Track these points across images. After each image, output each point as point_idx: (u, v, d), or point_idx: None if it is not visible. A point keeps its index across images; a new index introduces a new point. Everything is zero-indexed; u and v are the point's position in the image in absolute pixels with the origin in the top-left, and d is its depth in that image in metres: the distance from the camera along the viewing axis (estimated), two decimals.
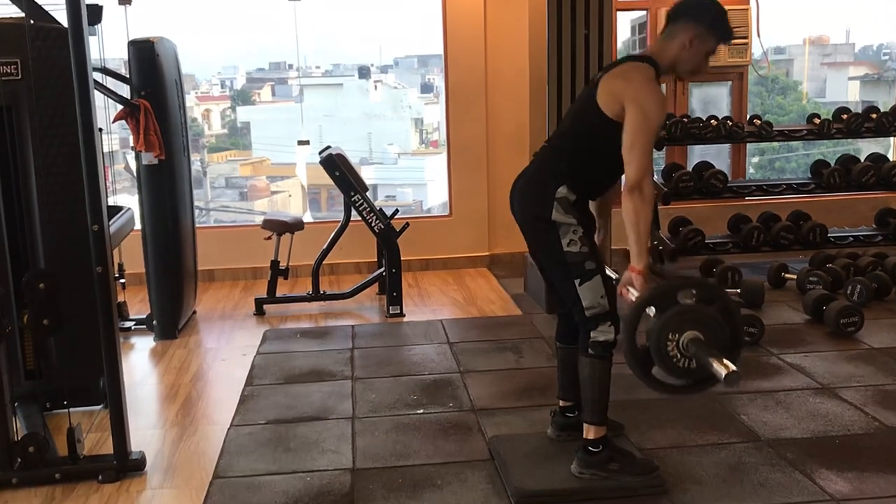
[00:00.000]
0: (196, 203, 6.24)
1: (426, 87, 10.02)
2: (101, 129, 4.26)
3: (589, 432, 3.00)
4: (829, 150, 8.30)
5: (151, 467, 3.31)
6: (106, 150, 4.65)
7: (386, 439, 3.48)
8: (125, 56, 4.84)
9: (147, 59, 4.73)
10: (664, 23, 2.99)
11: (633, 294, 2.84)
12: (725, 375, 2.29)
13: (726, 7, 2.97)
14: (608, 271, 3.06)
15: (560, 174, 2.91)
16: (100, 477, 3.20)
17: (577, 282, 2.88)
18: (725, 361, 2.34)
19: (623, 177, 2.85)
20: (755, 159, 9.62)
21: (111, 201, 4.85)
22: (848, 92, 10.90)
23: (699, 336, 2.41)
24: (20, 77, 3.57)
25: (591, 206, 3.12)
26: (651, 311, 2.55)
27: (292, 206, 9.92)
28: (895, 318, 4.91)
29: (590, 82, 3.10)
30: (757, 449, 3.30)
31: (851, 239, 6.08)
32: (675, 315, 2.44)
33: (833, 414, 3.62)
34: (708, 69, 3.03)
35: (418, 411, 3.77)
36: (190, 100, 8.49)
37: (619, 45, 7.01)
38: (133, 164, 5.07)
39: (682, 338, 2.42)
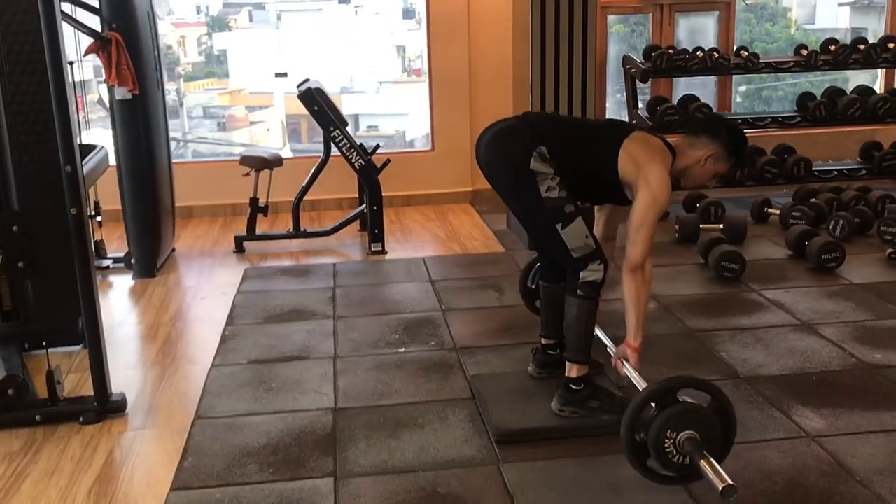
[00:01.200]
0: (173, 134, 6.18)
1: (408, 13, 9.85)
2: (72, 63, 4.21)
3: (571, 370, 3.06)
4: (817, 80, 8.26)
5: (132, 408, 3.35)
6: (78, 79, 4.59)
7: (367, 379, 3.53)
8: None
9: None
10: (687, 128, 3.16)
11: (627, 368, 2.97)
12: (721, 489, 2.38)
13: None
14: (601, 337, 3.25)
15: (546, 140, 2.94)
16: (81, 419, 3.23)
17: (559, 226, 2.90)
18: (720, 471, 2.43)
19: (626, 256, 2.95)
20: (742, 88, 9.57)
21: (85, 136, 4.80)
22: (838, 18, 10.79)
23: (695, 436, 2.52)
24: None
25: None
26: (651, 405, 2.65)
27: (271, 139, 9.82)
28: (877, 254, 4.98)
29: (620, 124, 3.25)
30: (735, 386, 3.36)
31: (836, 173, 6.12)
32: (676, 414, 2.54)
33: (811, 350, 3.69)
34: (710, 186, 3.16)
35: (400, 350, 3.82)
36: (165, 26, 8.32)
37: None
38: (106, 98, 4.99)
39: (679, 436, 2.52)
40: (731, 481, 2.38)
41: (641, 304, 2.93)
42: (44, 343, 3.44)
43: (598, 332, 3.36)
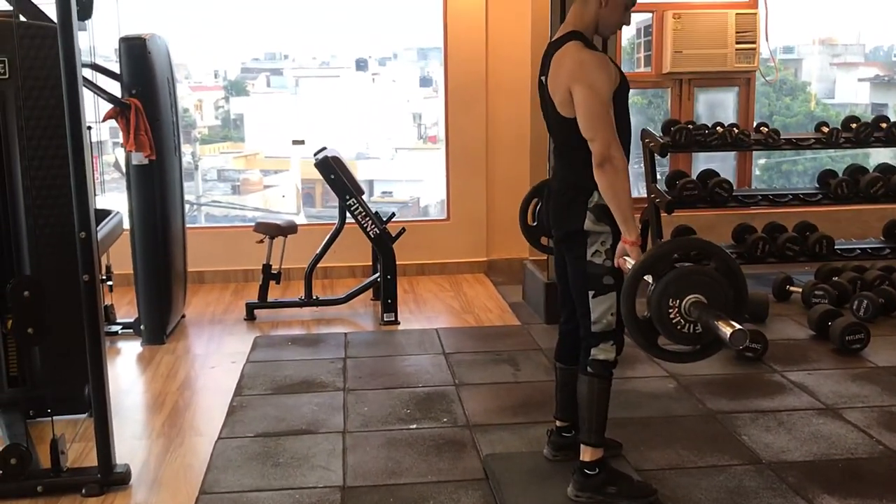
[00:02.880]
0: (187, 197, 6.23)
1: (425, 81, 10.00)
2: (90, 127, 4.28)
3: (586, 454, 3.01)
4: (838, 154, 8.30)
5: (136, 481, 3.32)
6: (94, 140, 4.66)
7: (378, 455, 3.48)
8: (116, 49, 4.83)
9: (138, 56, 4.72)
10: None
11: (629, 263, 2.80)
12: (730, 335, 2.24)
13: (734, 11, 2.98)
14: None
15: (583, 184, 2.89)
16: (83, 490, 3.20)
17: (591, 293, 2.89)
18: (730, 321, 2.28)
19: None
20: (762, 161, 9.62)
21: (100, 199, 4.84)
22: (858, 94, 10.89)
23: (701, 299, 2.37)
24: (7, 76, 3.56)
25: None
26: (648, 278, 2.51)
27: (285, 204, 9.89)
28: None
29: (539, 85, 3.09)
30: (758, 472, 3.30)
31: (859, 251, 6.08)
32: (673, 280, 2.40)
33: (836, 436, 3.63)
34: (630, 21, 3.04)
35: (411, 426, 3.77)
36: (182, 89, 8.46)
37: (625, 42, 7.01)
38: (122, 161, 5.06)
39: (684, 302, 2.38)
40: (740, 326, 2.24)
41: (622, 195, 2.75)
42: (49, 410, 3.42)
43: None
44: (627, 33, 7.01)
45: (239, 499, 3.15)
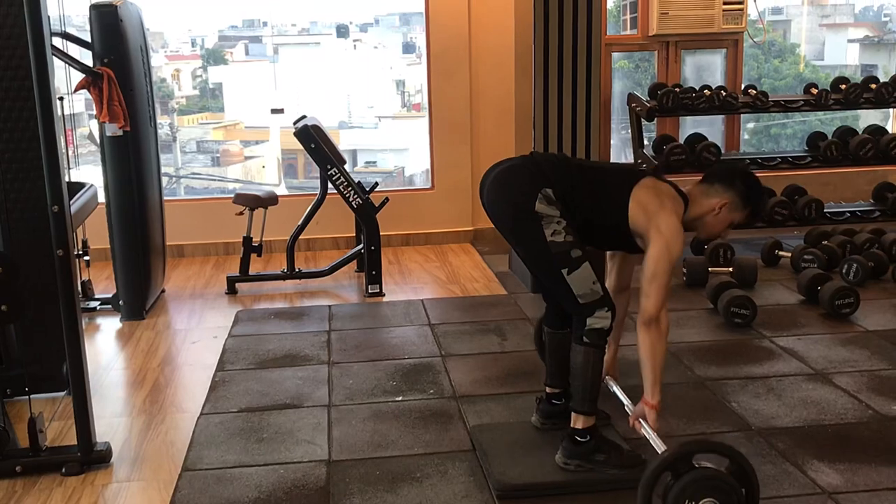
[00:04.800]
0: (165, 169, 6.18)
1: (408, 48, 9.91)
2: (61, 98, 4.22)
3: (577, 421, 3.01)
4: (827, 117, 8.30)
5: (117, 459, 3.30)
6: (68, 112, 4.59)
7: (363, 429, 3.48)
8: (87, 18, 4.76)
9: (110, 24, 4.64)
10: (702, 178, 3.11)
11: (645, 428, 2.93)
12: None
13: None
14: (617, 393, 3.19)
15: (552, 181, 2.94)
16: (63, 469, 3.18)
17: (564, 271, 2.88)
18: None
19: (640, 309, 2.91)
20: (750, 125, 9.61)
21: (74, 172, 4.80)
22: (847, 55, 10.87)
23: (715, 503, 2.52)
24: None
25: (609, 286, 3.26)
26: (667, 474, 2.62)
27: (266, 175, 9.83)
28: (892, 299, 4.95)
29: (633, 170, 3.22)
30: (747, 439, 3.32)
31: (848, 214, 6.11)
32: (690, 482, 2.53)
33: (826, 401, 3.65)
34: (726, 237, 3.15)
35: (397, 398, 3.77)
36: (158, 58, 8.36)
37: (610, 4, 6.96)
38: (97, 133, 5.00)
39: None
40: None
41: (658, 359, 2.89)
42: (26, 389, 3.39)
43: (614, 387, 3.33)
44: None
45: (222, 475, 3.14)
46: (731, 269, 5.29)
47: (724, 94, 5.88)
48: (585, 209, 2.98)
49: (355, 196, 5.28)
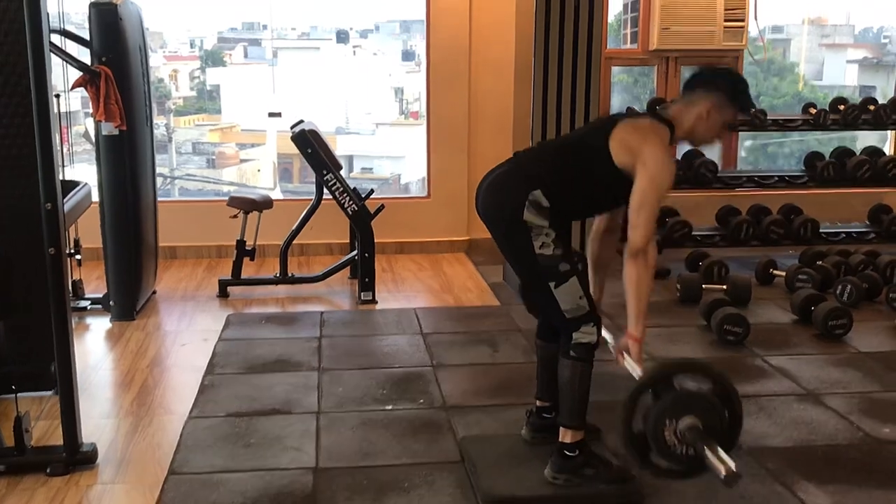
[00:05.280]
0: (160, 170, 6.17)
1: (407, 55, 9.93)
2: (58, 95, 4.21)
3: (566, 436, 3.01)
4: (825, 137, 8.33)
5: (103, 460, 3.28)
6: (64, 110, 4.59)
7: (352, 437, 3.47)
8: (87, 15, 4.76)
9: (109, 22, 4.65)
10: (682, 88, 3.07)
11: (627, 362, 2.90)
12: (724, 475, 2.32)
13: None
14: (604, 333, 3.09)
15: (538, 179, 2.92)
16: (48, 469, 3.17)
17: (552, 285, 2.88)
18: (724, 457, 2.37)
19: (627, 240, 2.89)
20: (748, 143, 9.65)
21: (69, 171, 4.79)
22: (846, 75, 10.92)
23: (697, 424, 2.46)
24: None
25: (589, 260, 3.24)
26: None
27: (262, 178, 9.83)
28: (885, 321, 4.96)
29: (603, 119, 3.18)
30: (737, 457, 3.27)
31: (843, 235, 6.13)
32: (672, 402, 2.49)
33: (817, 422, 3.65)
34: (725, 138, 3.09)
35: (387, 407, 3.76)
36: (157, 59, 8.35)
37: (611, 18, 6.98)
38: (92, 132, 4.99)
39: (680, 425, 2.47)
40: (734, 468, 2.31)
41: (643, 291, 2.85)
42: (13, 387, 3.37)
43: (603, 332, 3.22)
44: (614, 9, 6.99)
45: (208, 479, 3.13)
46: (725, 287, 5.29)
47: None
48: (576, 183, 2.95)
49: (351, 202, 5.27)
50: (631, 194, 2.87)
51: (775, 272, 5.69)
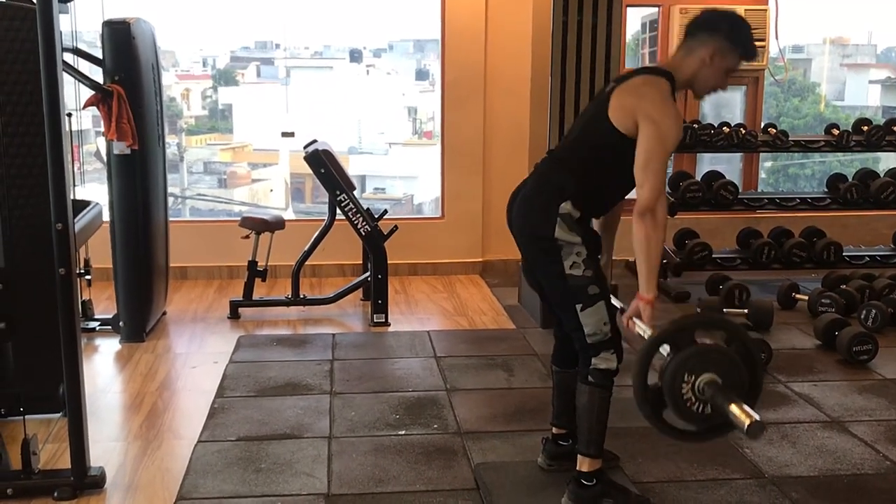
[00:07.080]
0: (171, 189, 6.19)
1: (421, 74, 9.97)
2: (69, 114, 4.24)
3: (583, 464, 2.98)
4: (847, 159, 8.30)
5: (111, 484, 3.28)
6: (76, 129, 4.62)
7: (364, 462, 3.45)
8: (100, 34, 4.79)
9: (122, 41, 4.68)
10: (682, 36, 2.98)
11: (639, 326, 2.81)
12: (748, 426, 2.25)
13: (743, 7, 2.96)
14: (613, 301, 3.02)
15: (564, 189, 2.88)
16: (55, 493, 3.16)
17: (578, 307, 2.86)
18: (747, 409, 2.30)
19: (635, 197, 2.81)
20: (768, 164, 9.63)
21: (80, 190, 4.81)
22: (868, 96, 10.90)
23: (716, 379, 2.38)
24: None
25: (595, 223, 3.11)
26: (665, 349, 2.52)
27: (274, 198, 9.86)
28: None
29: (600, 93, 3.08)
30: (760, 487, 3.28)
31: (867, 259, 6.09)
32: (691, 355, 2.41)
33: (842, 451, 3.61)
34: (727, 87, 3.02)
35: (400, 432, 3.75)
36: (169, 77, 8.41)
37: (629, 37, 6.99)
38: (104, 151, 5.02)
39: (699, 380, 2.39)
40: (758, 417, 2.25)
41: (653, 251, 2.74)
42: (21, 409, 3.38)
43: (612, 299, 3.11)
44: (632, 28, 7.01)
45: None
46: (746, 311, 5.26)
47: (743, 131, 5.88)
48: (601, 173, 2.90)
49: (364, 223, 5.28)
50: (636, 150, 2.77)
51: (798, 296, 5.66)
